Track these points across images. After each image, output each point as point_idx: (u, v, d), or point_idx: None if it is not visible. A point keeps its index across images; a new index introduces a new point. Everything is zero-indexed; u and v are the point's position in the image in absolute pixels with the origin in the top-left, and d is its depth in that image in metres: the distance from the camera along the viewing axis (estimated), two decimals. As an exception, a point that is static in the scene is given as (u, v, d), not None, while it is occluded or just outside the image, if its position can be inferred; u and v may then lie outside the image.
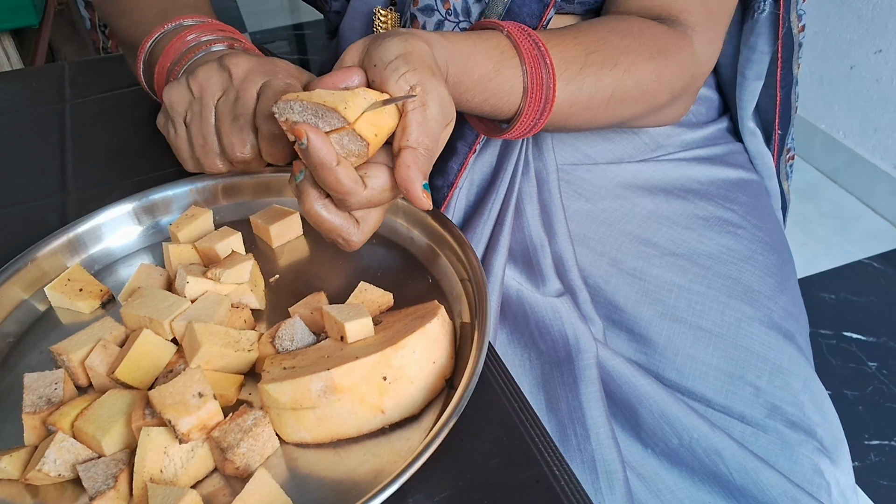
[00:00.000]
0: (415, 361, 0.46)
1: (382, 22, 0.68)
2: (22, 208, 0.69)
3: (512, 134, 0.57)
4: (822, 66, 2.00)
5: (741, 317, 0.66)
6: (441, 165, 0.68)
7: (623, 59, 0.58)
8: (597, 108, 0.59)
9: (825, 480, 0.61)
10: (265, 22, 2.99)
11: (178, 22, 0.60)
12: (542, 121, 0.56)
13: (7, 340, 0.55)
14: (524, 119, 0.56)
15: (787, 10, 0.69)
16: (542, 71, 0.54)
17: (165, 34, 0.60)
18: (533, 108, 0.55)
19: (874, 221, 1.92)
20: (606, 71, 0.57)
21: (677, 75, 0.62)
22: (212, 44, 0.59)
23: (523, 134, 0.58)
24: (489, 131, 0.60)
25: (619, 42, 0.59)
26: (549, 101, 0.55)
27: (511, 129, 0.57)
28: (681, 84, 0.63)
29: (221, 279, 0.54)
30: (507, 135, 0.58)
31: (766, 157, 0.80)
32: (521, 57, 0.54)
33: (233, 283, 0.54)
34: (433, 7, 0.64)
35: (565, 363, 0.63)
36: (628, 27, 0.60)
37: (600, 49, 0.58)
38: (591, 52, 0.57)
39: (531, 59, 0.54)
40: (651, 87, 0.60)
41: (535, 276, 0.67)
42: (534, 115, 0.56)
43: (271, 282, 0.58)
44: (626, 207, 0.71)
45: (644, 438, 0.62)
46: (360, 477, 0.44)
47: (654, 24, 0.62)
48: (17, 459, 0.45)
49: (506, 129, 0.57)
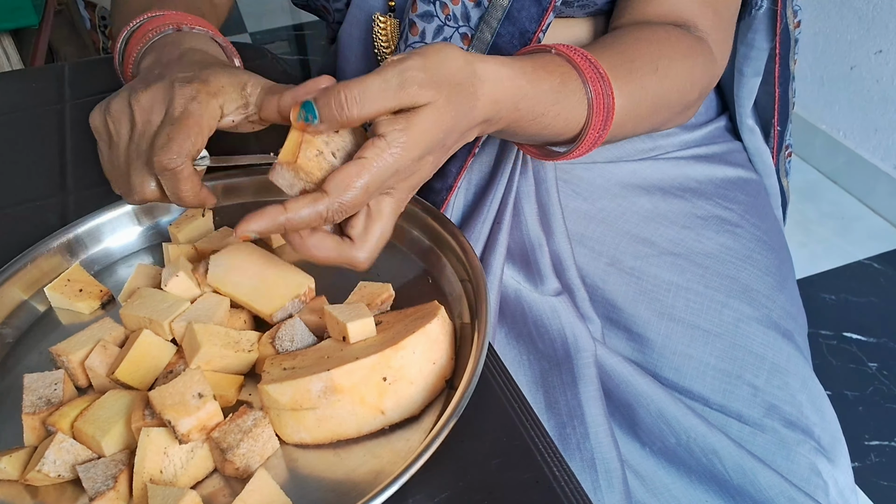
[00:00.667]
0: (415, 362, 0.46)
1: (382, 28, 0.68)
2: (22, 209, 0.69)
3: (578, 150, 0.56)
4: (823, 66, 2.00)
5: (739, 316, 0.66)
6: (440, 169, 0.69)
7: (660, 63, 0.58)
8: (644, 114, 0.59)
9: (823, 480, 0.61)
10: (265, 22, 2.99)
11: (153, 14, 0.60)
12: (604, 133, 0.55)
13: (7, 341, 0.55)
14: (591, 133, 0.55)
15: (784, 5, 0.70)
16: (599, 81, 0.54)
17: (141, 23, 0.60)
18: (598, 119, 0.54)
19: (874, 222, 1.92)
20: (649, 77, 0.58)
21: (704, 74, 0.63)
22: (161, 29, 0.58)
23: (587, 149, 0.57)
24: (547, 155, 0.59)
25: (651, 49, 0.59)
26: (611, 109, 0.55)
27: (577, 145, 0.55)
28: (706, 83, 0.64)
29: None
30: (573, 153, 0.56)
31: (764, 155, 0.80)
32: (578, 69, 0.53)
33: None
34: (432, 13, 0.64)
35: (564, 362, 0.63)
36: (653, 34, 0.61)
37: (639, 57, 0.58)
38: (631, 60, 0.57)
39: (588, 70, 0.54)
40: (686, 89, 0.61)
41: (533, 276, 0.67)
42: (599, 125, 0.55)
43: (271, 282, 0.58)
44: (624, 206, 0.71)
45: (642, 437, 0.62)
46: (360, 477, 0.44)
47: (675, 28, 0.63)
48: (17, 460, 0.45)
49: (570, 149, 0.56)
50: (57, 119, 0.82)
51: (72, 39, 1.86)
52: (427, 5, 0.63)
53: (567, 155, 0.57)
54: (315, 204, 0.44)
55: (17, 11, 1.44)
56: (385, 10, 0.68)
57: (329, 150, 0.46)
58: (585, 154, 0.58)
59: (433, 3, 0.63)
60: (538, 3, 0.61)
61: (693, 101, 0.64)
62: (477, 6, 0.63)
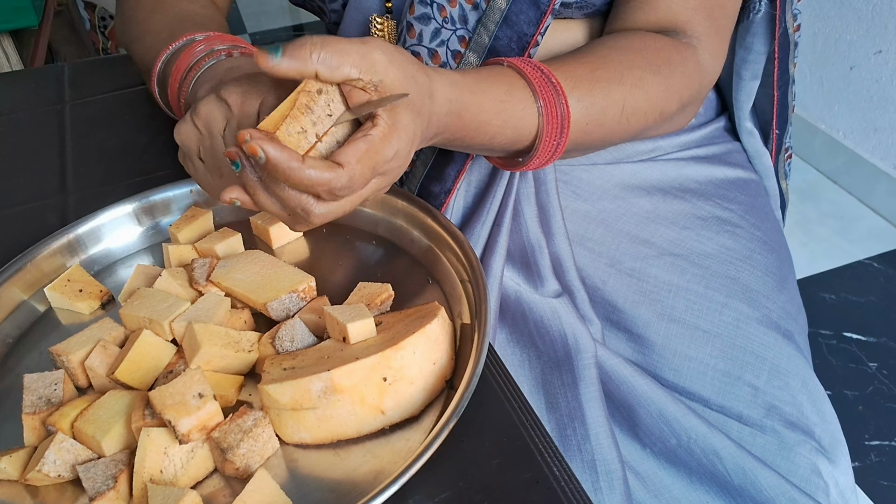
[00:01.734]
0: (415, 362, 0.46)
1: (379, 30, 0.68)
2: (22, 209, 0.69)
3: (537, 160, 0.57)
4: (823, 66, 2.00)
5: (739, 316, 0.66)
6: (438, 172, 0.69)
7: (629, 73, 0.59)
8: (611, 123, 0.59)
9: (823, 480, 0.61)
10: (265, 23, 2.99)
11: (186, 38, 0.60)
12: (563, 141, 0.56)
13: (7, 341, 0.55)
14: (546, 140, 0.56)
15: (783, 9, 0.70)
16: (551, 90, 0.55)
17: (175, 51, 0.60)
18: (552, 127, 0.55)
19: (874, 222, 1.92)
20: (615, 86, 0.58)
21: (685, 85, 0.63)
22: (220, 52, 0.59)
23: (547, 160, 0.58)
24: (512, 165, 0.60)
25: (623, 58, 0.60)
26: (566, 118, 0.55)
27: (535, 154, 0.56)
28: (689, 93, 0.64)
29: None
30: (531, 163, 0.57)
31: (764, 157, 0.80)
32: (527, 79, 0.55)
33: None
34: (430, 15, 0.64)
35: (564, 363, 0.63)
36: (629, 43, 0.61)
37: (603, 66, 0.58)
38: (595, 69, 0.58)
39: (537, 80, 0.55)
40: (660, 98, 0.61)
41: (533, 277, 0.67)
42: (554, 134, 0.56)
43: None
44: (623, 208, 0.71)
45: (642, 438, 0.62)
46: (360, 477, 0.44)
47: (657, 36, 0.63)
48: (17, 460, 0.45)
49: (529, 158, 0.57)
50: (57, 119, 0.82)
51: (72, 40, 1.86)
52: (424, 7, 0.63)
53: (528, 163, 0.57)
54: (331, 170, 0.43)
55: (17, 12, 1.44)
56: (382, 11, 0.68)
57: (314, 131, 0.45)
58: (550, 162, 0.58)
59: (431, 5, 0.63)
60: (536, 7, 0.61)
61: (673, 112, 0.64)
62: (474, 9, 0.63)
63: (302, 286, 0.54)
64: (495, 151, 0.58)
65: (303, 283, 0.54)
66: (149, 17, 0.67)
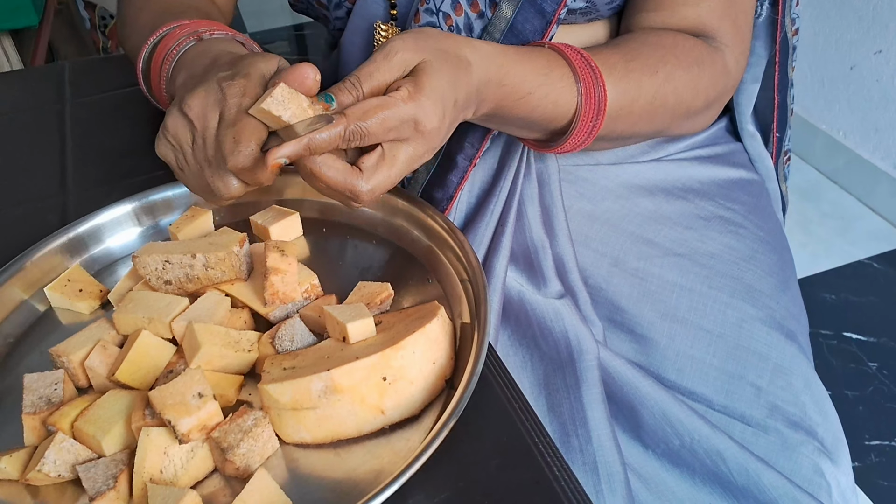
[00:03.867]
0: (415, 362, 0.46)
1: (383, 37, 0.68)
2: (22, 209, 0.69)
3: (571, 141, 0.58)
4: (823, 66, 2.00)
5: (743, 316, 0.66)
6: (441, 178, 0.69)
7: (662, 67, 0.60)
8: (640, 113, 0.60)
9: (826, 481, 0.60)
10: (266, 22, 2.99)
11: (165, 29, 0.60)
12: (598, 123, 0.57)
13: (7, 341, 0.55)
14: (583, 121, 0.57)
15: (784, 13, 0.70)
16: (590, 72, 0.56)
17: (155, 44, 0.60)
18: (590, 107, 0.56)
19: (874, 222, 1.92)
20: (647, 77, 0.59)
21: (712, 84, 0.64)
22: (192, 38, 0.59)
23: (581, 142, 0.59)
24: (543, 146, 0.61)
25: (655, 52, 0.61)
26: (602, 100, 0.56)
27: (570, 134, 0.57)
28: (714, 93, 0.65)
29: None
30: (565, 144, 0.58)
31: (765, 160, 0.80)
32: (567, 58, 0.56)
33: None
34: (435, 24, 0.64)
35: (567, 364, 0.62)
36: (660, 40, 0.62)
37: (638, 58, 0.60)
38: (630, 60, 0.59)
39: (577, 60, 0.56)
40: (688, 96, 0.62)
41: (536, 278, 0.67)
42: (591, 115, 0.57)
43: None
44: (627, 208, 0.71)
45: (645, 440, 0.62)
46: (360, 477, 0.44)
47: (688, 36, 0.64)
48: (17, 460, 0.45)
49: (564, 139, 0.58)
50: (57, 119, 0.82)
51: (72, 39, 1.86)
52: (430, 16, 0.63)
53: (564, 143, 0.58)
54: (334, 125, 0.45)
55: (17, 11, 1.44)
56: (387, 18, 0.68)
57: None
58: (582, 147, 0.59)
59: (437, 14, 0.63)
60: (542, 16, 0.61)
61: (699, 110, 0.65)
62: (480, 18, 0.63)
63: (304, 285, 0.53)
64: (533, 127, 0.58)
65: (305, 281, 0.54)
66: (137, 14, 0.67)
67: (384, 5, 0.68)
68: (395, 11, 0.67)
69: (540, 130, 0.59)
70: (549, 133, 0.59)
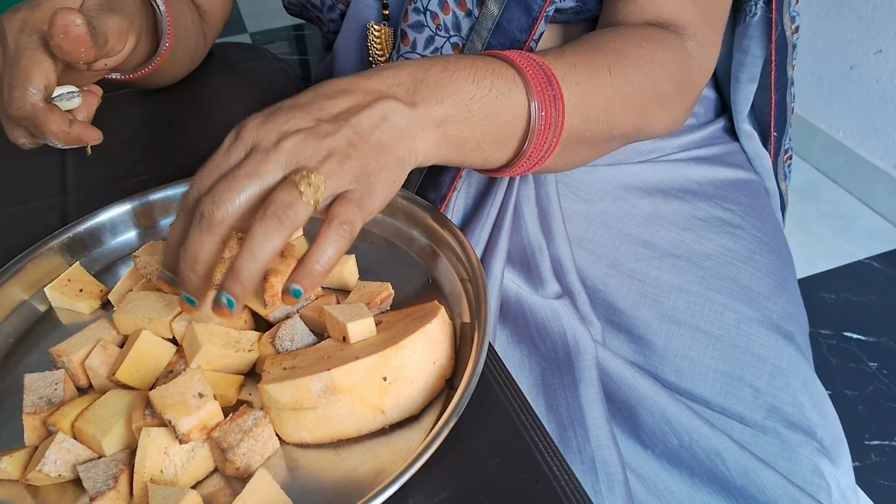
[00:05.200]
0: (415, 361, 0.46)
1: (376, 37, 0.68)
2: (22, 209, 0.69)
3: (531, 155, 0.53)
4: (822, 66, 2.00)
5: (740, 318, 0.66)
6: (434, 179, 0.69)
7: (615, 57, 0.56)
8: (609, 105, 0.56)
9: (825, 481, 0.61)
10: (265, 22, 2.99)
11: None
12: (559, 129, 0.52)
13: (7, 341, 0.55)
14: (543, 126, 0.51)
15: (779, 12, 0.69)
16: (538, 69, 0.51)
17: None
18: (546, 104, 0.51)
19: (874, 221, 1.92)
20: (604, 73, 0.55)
21: (672, 61, 0.60)
22: None
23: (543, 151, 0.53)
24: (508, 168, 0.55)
25: (606, 44, 0.57)
26: (559, 97, 0.52)
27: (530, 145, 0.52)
28: (679, 72, 0.61)
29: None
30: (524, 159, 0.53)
31: (763, 159, 0.80)
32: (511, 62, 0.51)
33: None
34: (423, 23, 0.64)
35: (565, 365, 0.63)
36: (616, 31, 0.60)
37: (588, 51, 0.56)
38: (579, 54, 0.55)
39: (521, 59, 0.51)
40: (652, 72, 0.58)
41: (533, 279, 0.67)
42: (549, 119, 0.52)
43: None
44: (624, 209, 0.71)
45: (644, 440, 0.62)
46: (360, 477, 0.44)
47: (644, 25, 0.62)
48: (18, 460, 0.45)
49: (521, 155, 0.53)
50: (57, 119, 0.82)
51: (72, 39, 1.86)
52: (418, 15, 0.63)
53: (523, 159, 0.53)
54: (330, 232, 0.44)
55: (17, 11, 1.44)
56: (380, 18, 0.68)
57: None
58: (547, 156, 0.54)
59: (424, 13, 0.63)
60: (528, 14, 0.61)
61: (671, 94, 0.61)
62: (468, 16, 0.63)
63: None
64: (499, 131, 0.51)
65: None
66: None
67: (376, 6, 0.69)
68: (388, 12, 0.67)
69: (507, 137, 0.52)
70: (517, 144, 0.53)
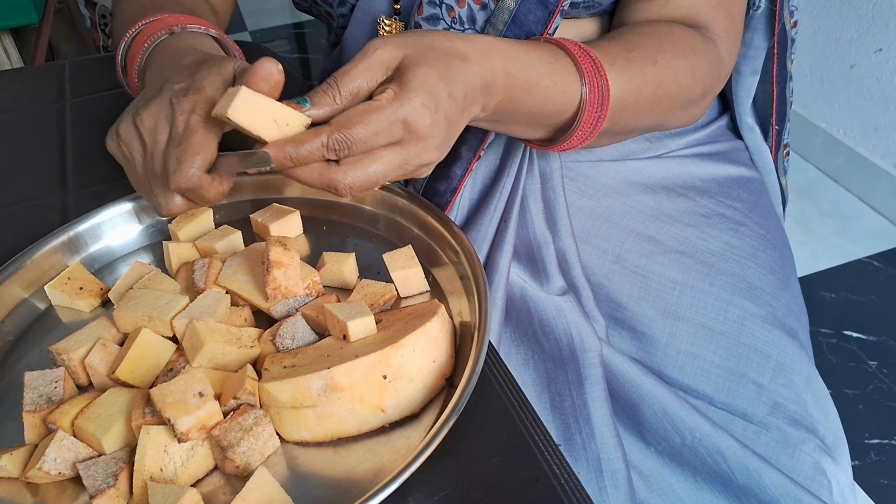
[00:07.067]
0: (415, 360, 0.46)
1: (387, 31, 0.68)
2: (22, 207, 0.69)
3: (577, 134, 0.57)
4: (823, 64, 2.00)
5: (744, 314, 0.66)
6: (444, 171, 0.69)
7: (661, 56, 0.59)
8: (643, 103, 0.60)
9: (827, 479, 0.61)
10: (265, 21, 2.99)
11: (141, 24, 0.60)
12: (603, 115, 0.57)
13: (7, 339, 0.55)
14: (588, 111, 0.56)
15: (782, 5, 0.70)
16: (590, 63, 0.55)
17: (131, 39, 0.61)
18: (594, 97, 0.55)
19: (874, 220, 1.91)
20: (649, 66, 0.59)
21: (708, 72, 0.63)
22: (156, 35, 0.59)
23: (586, 135, 0.58)
24: (547, 145, 0.60)
25: (652, 42, 0.60)
26: (605, 89, 0.56)
27: (577, 126, 0.57)
28: (710, 81, 0.64)
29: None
30: (571, 138, 0.57)
31: (764, 153, 0.80)
32: (567, 50, 0.55)
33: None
34: (438, 16, 0.64)
35: (569, 362, 0.62)
36: (655, 30, 0.62)
37: (637, 48, 0.59)
38: (630, 50, 0.59)
39: (577, 51, 0.55)
40: (688, 83, 0.62)
41: (539, 274, 0.67)
42: (595, 104, 0.56)
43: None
44: (629, 205, 0.71)
45: (647, 437, 0.62)
46: (360, 475, 0.44)
47: (681, 26, 0.63)
48: (18, 458, 0.45)
49: (569, 133, 0.57)
50: (57, 117, 0.82)
51: (72, 38, 1.86)
52: (433, 8, 0.63)
53: (570, 138, 0.57)
54: (317, 135, 0.45)
55: (18, 10, 1.44)
56: (390, 13, 0.68)
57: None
58: (587, 142, 0.58)
59: (440, 6, 0.63)
60: (544, 7, 0.61)
61: (696, 99, 0.64)
62: (483, 9, 0.63)
63: (306, 281, 0.53)
64: (541, 121, 0.57)
65: (306, 277, 0.54)
66: (125, 6, 0.67)
67: (387, 0, 0.68)
68: (399, 6, 0.67)
69: (547, 125, 0.58)
70: (553, 129, 0.59)
